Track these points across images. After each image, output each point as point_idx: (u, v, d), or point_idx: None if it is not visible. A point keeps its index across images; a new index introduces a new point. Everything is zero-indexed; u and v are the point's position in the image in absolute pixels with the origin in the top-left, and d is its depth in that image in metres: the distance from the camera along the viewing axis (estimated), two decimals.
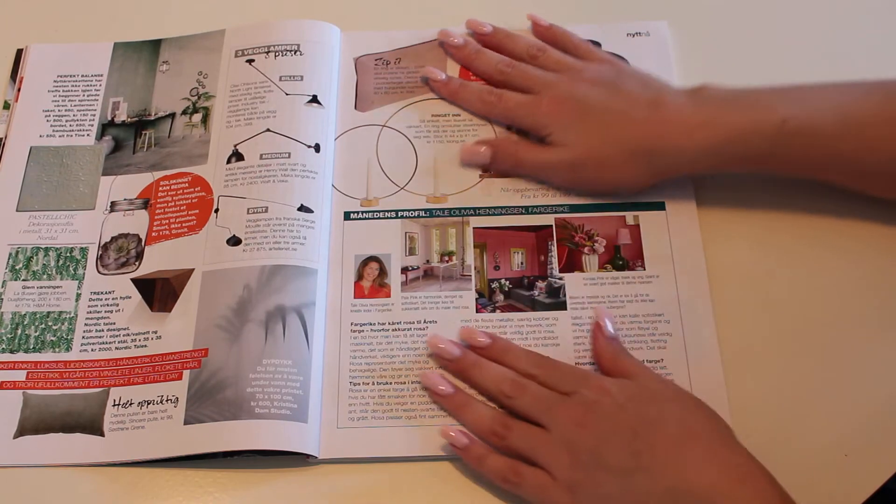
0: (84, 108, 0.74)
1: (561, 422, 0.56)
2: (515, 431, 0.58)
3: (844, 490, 0.57)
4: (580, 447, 0.55)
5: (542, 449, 0.56)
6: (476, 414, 0.59)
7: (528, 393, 0.58)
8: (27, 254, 0.67)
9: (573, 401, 0.57)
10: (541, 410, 0.57)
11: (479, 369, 0.61)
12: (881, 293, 0.64)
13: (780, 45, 0.75)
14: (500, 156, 0.68)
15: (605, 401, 0.56)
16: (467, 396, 0.60)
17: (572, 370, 0.60)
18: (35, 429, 0.60)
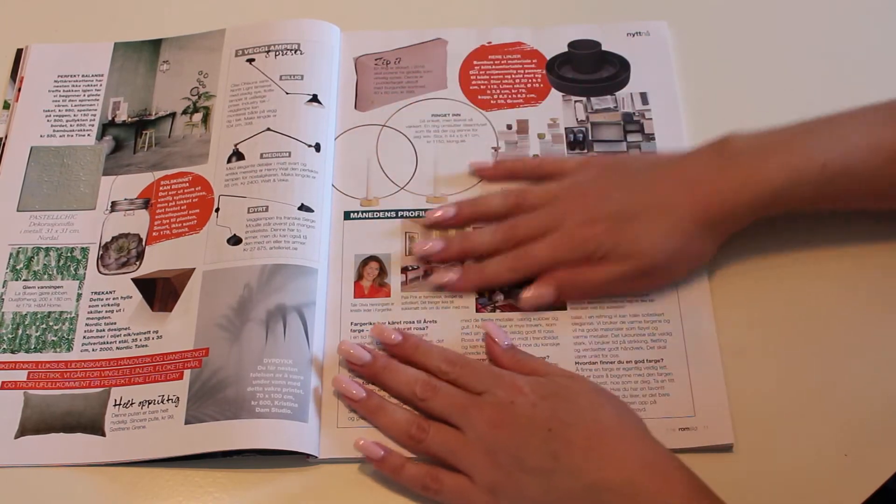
0: (84, 107, 0.74)
1: (476, 423, 0.56)
2: (431, 434, 0.57)
3: (844, 490, 0.57)
4: (498, 449, 0.55)
5: (460, 452, 0.56)
6: (391, 418, 0.59)
7: (441, 394, 0.58)
8: (28, 254, 0.67)
9: (486, 401, 0.57)
10: (455, 412, 0.57)
11: (390, 372, 0.60)
12: (881, 293, 0.64)
13: (780, 44, 0.75)
14: (566, 289, 0.63)
15: (518, 400, 0.56)
16: (381, 400, 0.60)
17: (485, 368, 0.60)
18: (36, 429, 0.61)
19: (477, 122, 0.72)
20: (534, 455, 0.54)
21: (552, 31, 0.76)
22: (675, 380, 0.61)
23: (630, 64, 0.74)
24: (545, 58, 0.75)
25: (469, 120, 0.72)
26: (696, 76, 0.73)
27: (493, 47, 0.76)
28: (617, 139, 0.71)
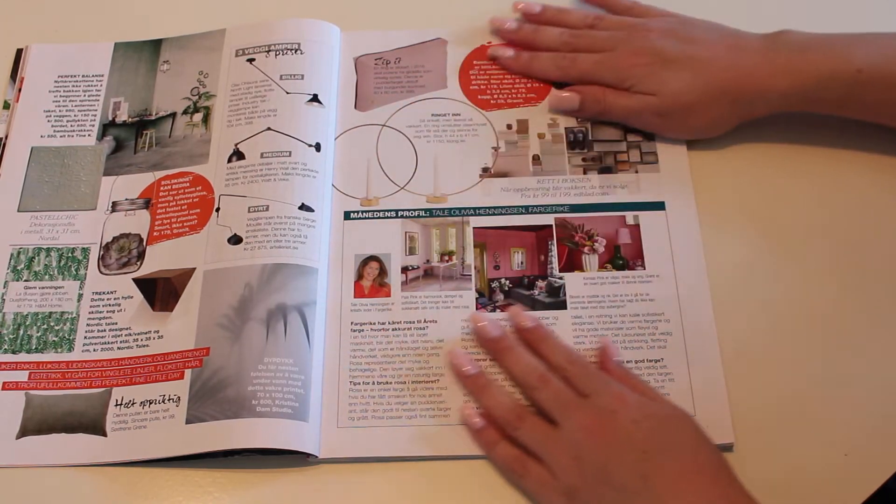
0: (85, 108, 0.74)
1: (573, 423, 0.56)
2: (527, 424, 0.58)
3: (844, 490, 0.57)
4: (587, 456, 0.55)
5: (550, 447, 0.56)
6: (495, 399, 0.60)
7: (551, 387, 0.58)
8: (29, 254, 0.67)
9: (589, 404, 0.57)
10: (558, 407, 0.57)
11: (513, 354, 0.61)
12: (881, 293, 0.64)
13: None
14: (588, 101, 0.70)
15: (621, 412, 0.55)
16: (489, 380, 0.61)
17: (598, 373, 0.59)
18: (37, 429, 0.61)
19: (477, 121, 0.72)
20: (622, 472, 0.53)
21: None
22: (675, 380, 0.61)
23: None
24: None
25: (469, 120, 0.72)
26: None
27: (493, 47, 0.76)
28: (617, 139, 0.71)
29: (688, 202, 0.68)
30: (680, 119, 0.68)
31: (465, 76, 0.74)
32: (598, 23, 0.73)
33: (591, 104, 0.70)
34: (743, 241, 0.66)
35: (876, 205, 0.67)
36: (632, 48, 0.69)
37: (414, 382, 0.62)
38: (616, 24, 0.72)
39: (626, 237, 0.67)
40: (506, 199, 0.69)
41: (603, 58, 0.70)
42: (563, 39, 0.72)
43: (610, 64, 0.69)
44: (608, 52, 0.70)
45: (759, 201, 0.68)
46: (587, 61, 0.70)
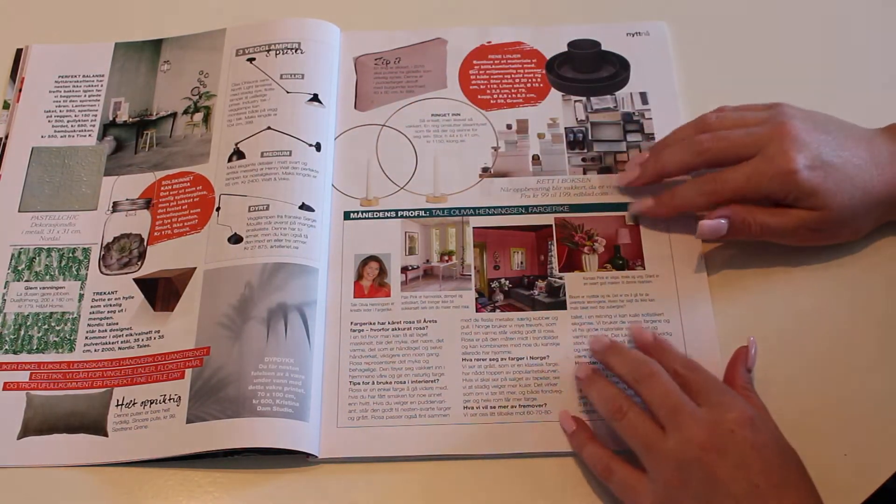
0: (85, 108, 0.74)
1: (683, 431, 0.53)
2: (632, 415, 0.56)
3: (844, 490, 0.57)
4: (694, 470, 0.52)
5: (652, 449, 0.54)
6: (601, 388, 0.59)
7: (659, 382, 0.56)
8: (30, 254, 0.67)
9: (705, 416, 0.54)
10: (667, 409, 0.54)
11: (619, 355, 0.59)
12: (882, 292, 0.64)
13: (780, 44, 0.75)
14: (737, 226, 0.62)
15: (738, 434, 0.52)
16: (599, 374, 0.60)
17: (719, 386, 0.56)
18: (39, 429, 0.61)
19: (477, 121, 0.72)
20: (729, 499, 0.51)
21: (552, 31, 0.76)
22: None
23: (630, 64, 0.74)
24: (545, 57, 0.75)
25: (469, 119, 0.72)
26: (696, 76, 0.73)
27: (493, 47, 0.76)
28: (617, 139, 0.71)
29: None
30: (835, 232, 0.63)
31: (465, 76, 0.74)
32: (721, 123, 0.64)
33: (741, 228, 0.62)
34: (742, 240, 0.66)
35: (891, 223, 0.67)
36: (790, 150, 0.60)
37: (414, 382, 0.62)
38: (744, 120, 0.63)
39: (626, 237, 0.67)
40: (506, 199, 0.69)
41: (757, 166, 0.61)
42: (694, 150, 0.63)
43: (768, 172, 0.60)
44: (758, 156, 0.61)
45: None
46: (739, 176, 0.61)
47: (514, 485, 0.59)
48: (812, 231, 0.62)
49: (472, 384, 0.62)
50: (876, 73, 0.73)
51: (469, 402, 0.61)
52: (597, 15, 0.76)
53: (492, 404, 0.61)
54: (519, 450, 0.59)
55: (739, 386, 0.58)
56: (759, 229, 0.62)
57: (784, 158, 0.60)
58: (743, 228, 0.62)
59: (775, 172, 0.60)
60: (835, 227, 0.62)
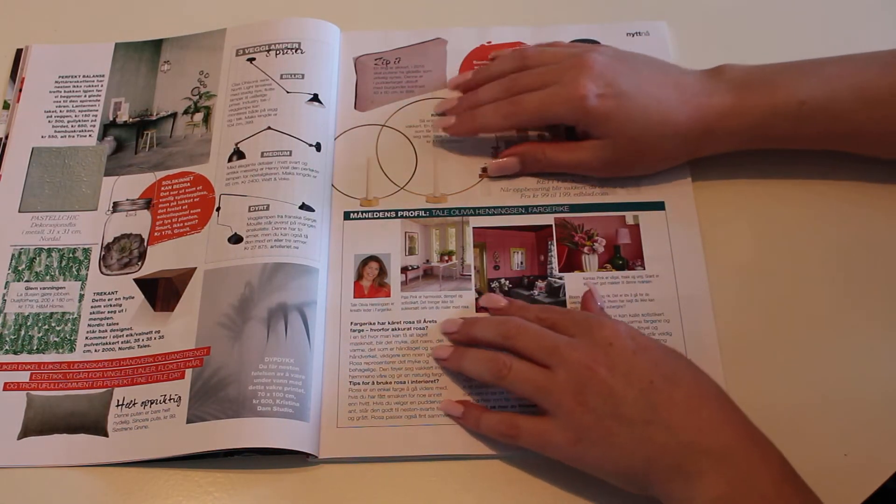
0: (86, 108, 0.74)
1: (568, 362, 0.55)
2: (515, 369, 0.57)
3: (844, 490, 0.58)
4: (590, 391, 0.54)
5: (546, 389, 0.55)
6: (473, 359, 0.59)
7: (531, 333, 0.57)
8: (30, 255, 0.68)
9: (584, 342, 0.56)
10: (546, 351, 0.56)
11: (480, 324, 0.61)
12: (881, 293, 0.64)
13: (780, 44, 0.75)
14: (529, 162, 0.68)
15: (617, 343, 0.55)
16: (465, 348, 0.61)
17: (580, 314, 0.59)
18: (39, 430, 0.61)
19: None
20: (630, 403, 0.53)
21: (552, 31, 0.76)
22: None
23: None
24: None
25: None
26: None
27: (493, 47, 0.76)
28: None
29: (688, 202, 0.68)
30: (629, 162, 0.66)
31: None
32: (531, 61, 0.67)
33: (532, 164, 0.67)
34: (742, 240, 0.66)
35: (876, 204, 0.67)
36: (584, 77, 0.64)
37: (414, 382, 0.62)
38: (552, 56, 0.67)
39: (626, 237, 0.67)
40: (505, 199, 0.69)
41: (551, 92, 0.64)
42: (503, 86, 0.67)
43: (562, 97, 0.64)
44: (555, 84, 0.65)
45: (758, 201, 0.68)
46: (535, 100, 0.65)
47: (514, 484, 0.59)
48: (605, 162, 0.65)
49: (472, 384, 0.62)
50: None
51: (469, 402, 0.61)
52: (597, 15, 0.76)
53: (492, 404, 0.61)
54: (518, 450, 0.59)
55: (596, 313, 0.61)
56: (548, 163, 0.67)
57: (575, 85, 0.64)
58: (534, 164, 0.67)
59: (566, 98, 0.64)
60: (629, 156, 0.65)
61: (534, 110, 0.65)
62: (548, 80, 0.65)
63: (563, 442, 0.55)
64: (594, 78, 0.64)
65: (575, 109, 0.64)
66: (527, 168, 0.68)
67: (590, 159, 0.66)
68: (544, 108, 0.65)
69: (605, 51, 0.67)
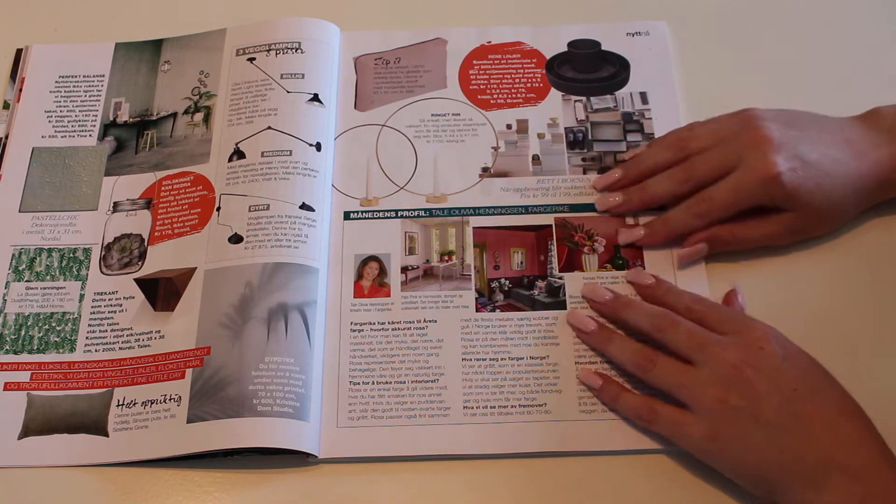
0: (86, 108, 0.74)
1: (716, 360, 0.55)
2: (660, 364, 0.57)
3: None
4: (734, 390, 0.54)
5: (689, 384, 0.55)
6: (620, 346, 0.60)
7: (681, 328, 0.57)
8: (30, 255, 0.68)
9: (732, 342, 0.56)
10: (694, 347, 0.56)
11: (630, 308, 0.61)
12: (881, 293, 0.64)
13: (781, 44, 0.75)
14: (718, 246, 0.64)
15: (768, 348, 0.55)
16: (612, 331, 0.61)
17: (736, 312, 0.59)
18: (39, 430, 0.61)
19: (476, 121, 0.72)
20: (773, 409, 0.53)
21: (552, 31, 0.76)
22: None
23: (630, 63, 0.74)
24: (545, 57, 0.75)
25: (469, 119, 0.72)
26: (696, 76, 0.73)
27: (493, 47, 0.76)
28: (617, 139, 0.71)
29: None
30: (815, 227, 0.64)
31: (465, 76, 0.74)
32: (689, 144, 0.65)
33: (720, 246, 0.64)
34: None
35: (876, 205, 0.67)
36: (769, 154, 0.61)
37: (413, 382, 0.62)
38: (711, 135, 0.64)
39: None
40: (505, 199, 0.69)
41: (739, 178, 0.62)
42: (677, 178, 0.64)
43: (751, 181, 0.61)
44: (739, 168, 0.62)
45: None
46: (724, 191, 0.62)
47: (514, 485, 0.59)
48: (794, 232, 0.64)
49: (472, 384, 0.62)
50: (878, 72, 0.73)
51: (469, 402, 0.61)
52: (597, 15, 0.76)
53: (492, 404, 0.61)
54: (519, 450, 0.59)
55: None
56: (738, 244, 0.64)
57: (765, 163, 0.61)
58: (722, 245, 0.64)
59: (760, 180, 0.61)
60: (815, 223, 0.64)
61: (729, 202, 0.63)
62: (729, 163, 0.62)
63: (700, 436, 0.55)
64: (779, 152, 0.61)
65: (770, 190, 0.61)
66: (714, 250, 0.64)
67: (779, 232, 0.64)
68: (739, 197, 0.62)
69: (768, 116, 0.64)
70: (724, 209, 0.63)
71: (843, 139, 0.63)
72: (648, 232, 0.65)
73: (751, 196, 0.62)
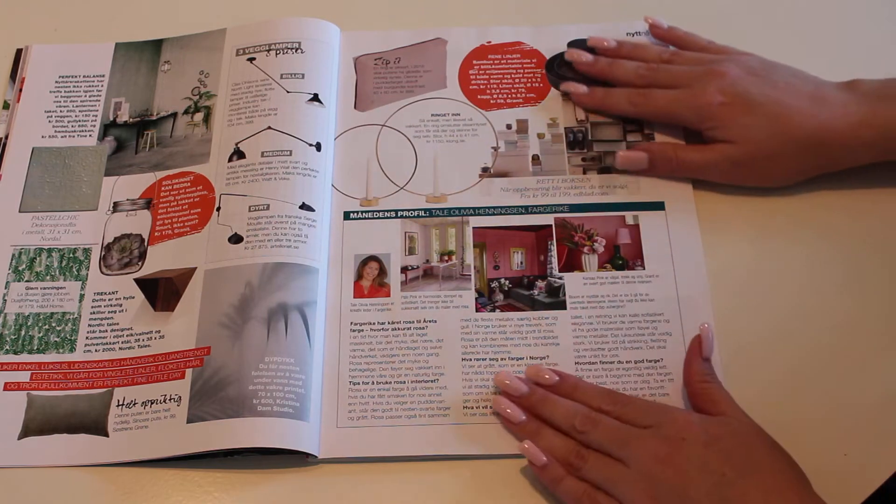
0: (86, 108, 0.74)
1: (640, 456, 0.55)
2: (591, 462, 0.56)
3: (844, 490, 0.57)
4: (662, 485, 0.53)
5: (620, 483, 0.55)
6: (549, 442, 0.58)
7: (601, 427, 0.57)
8: (30, 255, 0.68)
9: (654, 435, 0.55)
10: (617, 444, 0.56)
11: (548, 404, 0.59)
12: (881, 293, 0.64)
13: (780, 44, 0.75)
14: (659, 160, 0.67)
15: (690, 437, 0.54)
16: (539, 424, 0.59)
17: (651, 404, 0.58)
18: (40, 430, 0.61)
19: (476, 121, 0.72)
20: (701, 498, 0.52)
21: (552, 31, 0.76)
22: (674, 380, 0.61)
23: None
24: (545, 57, 0.75)
25: (469, 119, 0.72)
26: None
27: (493, 47, 0.76)
28: (616, 139, 0.71)
29: (687, 202, 0.68)
30: (760, 169, 0.65)
31: (465, 76, 0.74)
32: (676, 58, 0.70)
33: (663, 163, 0.67)
34: (742, 240, 0.66)
35: (876, 205, 0.67)
36: (712, 86, 0.66)
37: (413, 382, 0.62)
38: (694, 59, 0.69)
39: (626, 237, 0.67)
40: (505, 199, 0.69)
41: (680, 94, 0.67)
42: (640, 73, 0.69)
43: (688, 101, 0.66)
44: (685, 88, 0.67)
45: (758, 201, 0.68)
46: (663, 98, 0.68)
47: (514, 485, 0.59)
48: (735, 165, 0.65)
49: (472, 384, 0.62)
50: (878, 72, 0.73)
51: (469, 402, 0.61)
52: (597, 15, 0.76)
53: (492, 404, 0.61)
54: (519, 450, 0.59)
55: (696, 379, 0.59)
56: (679, 163, 0.67)
57: (702, 92, 0.66)
58: (665, 163, 0.67)
59: (692, 102, 0.66)
60: (757, 162, 0.65)
61: (661, 107, 0.68)
62: (681, 81, 0.68)
63: None
64: (723, 87, 0.65)
65: (698, 115, 0.66)
66: (656, 166, 0.67)
67: (718, 160, 0.66)
68: (671, 108, 0.68)
69: (747, 60, 0.68)
70: (654, 111, 0.69)
71: (809, 93, 0.65)
72: (590, 92, 0.71)
73: (681, 114, 0.67)
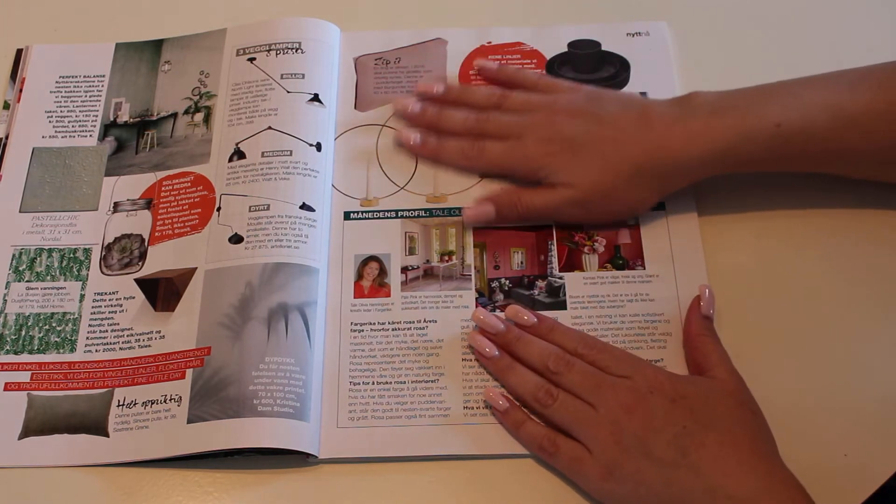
0: (86, 108, 0.74)
1: (609, 402, 0.57)
2: (560, 401, 0.58)
3: (844, 490, 0.58)
4: (626, 430, 0.55)
5: (585, 424, 0.57)
6: (521, 378, 0.60)
7: (576, 370, 0.58)
8: (31, 255, 0.68)
9: (624, 385, 0.57)
10: (588, 389, 0.58)
11: (523, 343, 0.61)
12: (881, 293, 0.64)
13: (781, 44, 0.75)
14: (505, 209, 0.66)
15: (658, 392, 0.56)
16: (512, 361, 0.61)
17: (626, 355, 0.60)
18: (40, 430, 0.61)
19: None
20: (662, 446, 0.55)
21: (552, 31, 0.76)
22: None
23: (630, 64, 0.74)
24: (545, 58, 0.75)
25: None
26: (696, 76, 0.73)
27: (493, 47, 0.76)
28: None
29: (688, 202, 0.67)
30: (602, 206, 0.65)
31: (465, 76, 0.74)
32: (504, 101, 0.68)
33: (508, 210, 0.66)
34: (743, 241, 0.66)
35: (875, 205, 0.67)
36: (541, 135, 0.65)
37: (414, 382, 0.62)
38: (522, 104, 0.68)
39: (626, 237, 0.67)
40: None
41: (511, 147, 0.66)
42: (469, 125, 0.68)
43: (519, 154, 0.66)
44: (514, 139, 0.66)
45: (758, 201, 0.68)
46: (495, 151, 0.67)
47: (514, 485, 0.59)
48: (577, 206, 0.65)
49: (472, 384, 0.62)
50: None
51: (469, 402, 0.61)
52: (597, 15, 0.76)
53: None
54: (519, 450, 0.59)
55: (694, 333, 0.61)
56: (525, 209, 0.66)
57: (528, 144, 0.66)
58: (510, 210, 0.66)
59: (521, 155, 0.66)
60: (596, 200, 0.65)
61: (494, 162, 0.68)
62: (510, 131, 0.67)
63: (595, 475, 0.56)
64: (549, 136, 0.65)
65: (529, 168, 0.66)
66: (502, 215, 0.66)
67: (560, 203, 0.65)
68: (503, 163, 0.67)
69: (572, 100, 0.67)
70: (489, 166, 0.68)
71: (635, 116, 0.64)
72: (423, 142, 0.69)
73: (513, 168, 0.67)
